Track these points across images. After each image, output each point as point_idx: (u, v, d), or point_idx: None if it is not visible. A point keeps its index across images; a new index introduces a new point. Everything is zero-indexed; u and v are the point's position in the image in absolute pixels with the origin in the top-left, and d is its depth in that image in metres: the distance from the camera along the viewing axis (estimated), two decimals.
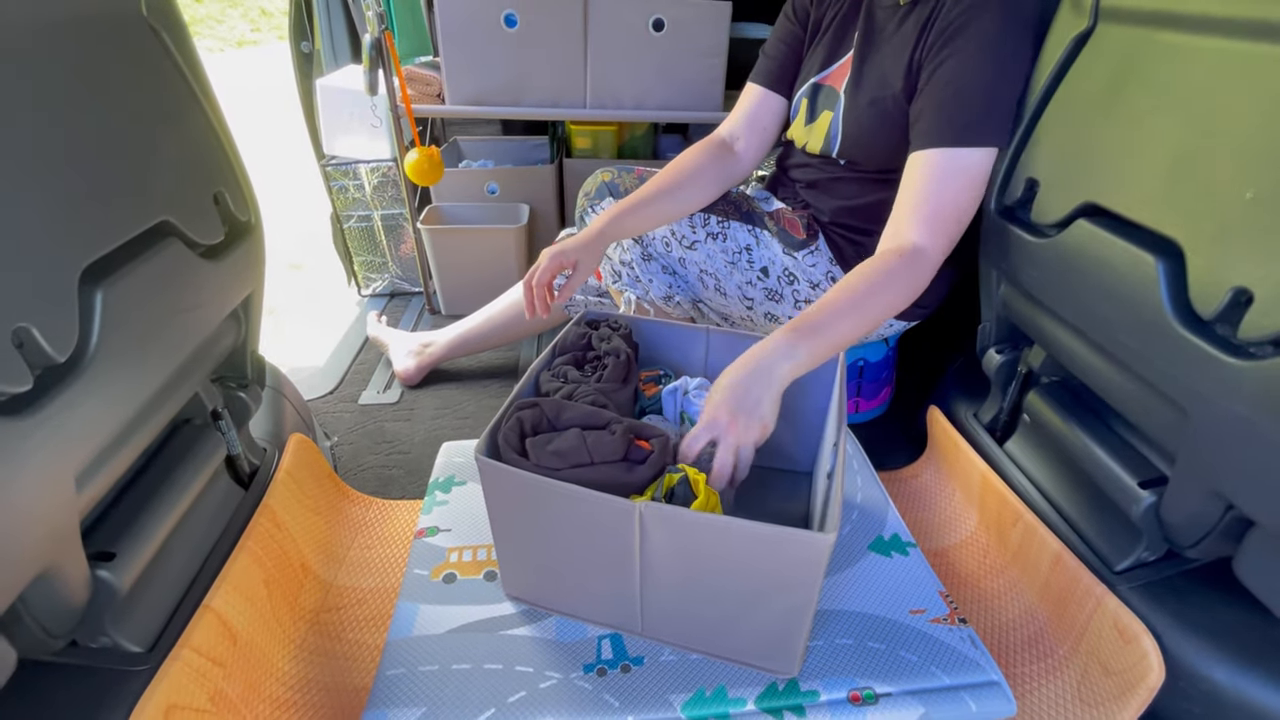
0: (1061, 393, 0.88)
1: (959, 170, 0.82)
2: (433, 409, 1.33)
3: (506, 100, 1.56)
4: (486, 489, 0.67)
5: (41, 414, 0.48)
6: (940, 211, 0.82)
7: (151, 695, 0.59)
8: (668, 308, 1.09)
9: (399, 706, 0.63)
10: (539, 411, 0.69)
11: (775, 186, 1.16)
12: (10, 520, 0.46)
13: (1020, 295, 0.88)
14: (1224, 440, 0.59)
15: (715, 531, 0.59)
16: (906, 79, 0.88)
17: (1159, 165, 0.65)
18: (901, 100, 0.89)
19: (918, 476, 1.10)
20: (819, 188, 1.06)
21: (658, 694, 0.65)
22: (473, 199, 1.71)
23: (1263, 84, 0.56)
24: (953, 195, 0.82)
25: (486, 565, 0.80)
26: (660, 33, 1.51)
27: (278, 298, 1.99)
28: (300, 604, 0.82)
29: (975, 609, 0.86)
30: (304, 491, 0.93)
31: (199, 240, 0.70)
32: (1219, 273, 0.58)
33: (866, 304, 0.77)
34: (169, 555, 0.71)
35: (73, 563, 0.55)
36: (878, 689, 0.65)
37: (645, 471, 0.66)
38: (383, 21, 1.31)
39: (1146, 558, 0.73)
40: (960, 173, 0.82)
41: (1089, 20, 0.75)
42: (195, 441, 0.78)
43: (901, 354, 1.33)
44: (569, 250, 0.91)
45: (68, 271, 0.52)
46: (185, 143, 0.69)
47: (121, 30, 0.62)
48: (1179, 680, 0.65)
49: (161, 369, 0.65)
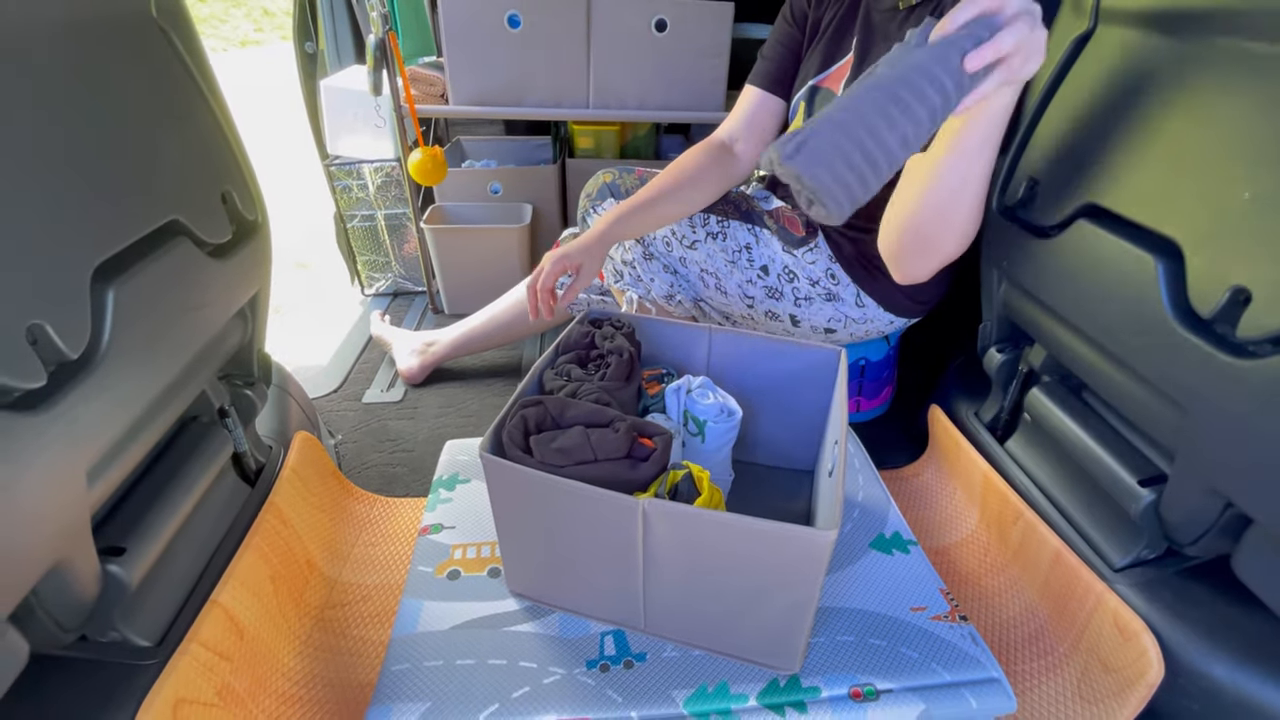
0: (1062, 391, 0.89)
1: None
2: (436, 407, 1.33)
3: (509, 100, 1.57)
4: (491, 486, 0.67)
5: (55, 410, 0.48)
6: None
7: (160, 689, 0.59)
8: (669, 307, 1.10)
9: (403, 701, 0.64)
10: (543, 409, 0.69)
11: (775, 185, 1.16)
12: (24, 514, 0.47)
13: (1021, 294, 0.89)
14: (1223, 438, 0.60)
15: (718, 527, 0.59)
16: None
17: (1159, 166, 0.65)
18: None
19: (919, 475, 1.11)
20: None
21: (660, 690, 0.65)
22: (476, 199, 1.71)
23: (1262, 84, 0.56)
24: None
25: (490, 562, 0.80)
26: (663, 33, 1.52)
27: (282, 297, 2.00)
28: (306, 600, 0.83)
29: (976, 606, 0.86)
30: (309, 489, 0.93)
31: (207, 239, 0.70)
32: (1218, 272, 0.58)
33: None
34: (177, 551, 0.72)
35: (84, 557, 0.56)
36: (879, 685, 0.65)
37: (648, 469, 0.66)
38: (386, 22, 1.32)
39: (1146, 555, 0.74)
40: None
41: (1089, 22, 0.76)
42: (202, 438, 0.78)
43: (903, 353, 1.33)
44: (572, 254, 0.92)
45: (80, 270, 0.52)
46: (194, 142, 0.70)
47: (131, 31, 0.63)
48: (1178, 677, 0.66)
49: (170, 366, 0.65)
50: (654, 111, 1.61)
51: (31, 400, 0.47)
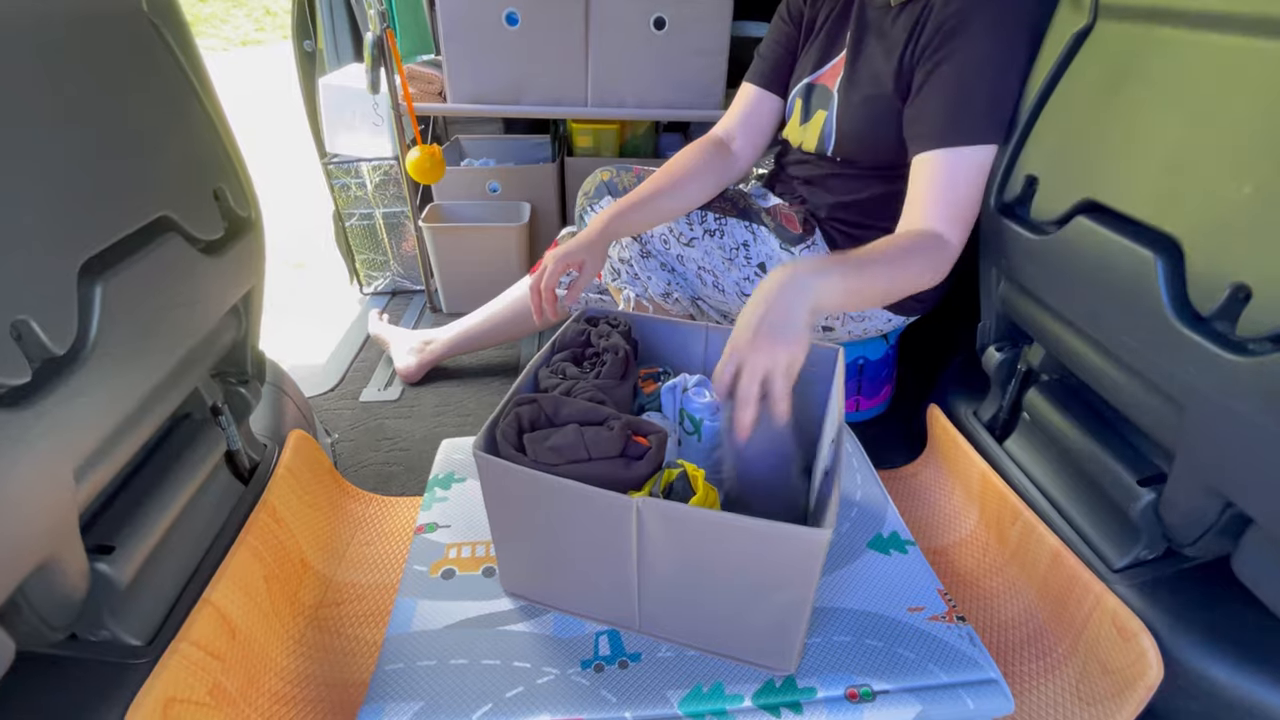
0: (1061, 391, 0.88)
1: (965, 169, 0.83)
2: (433, 406, 1.33)
3: (508, 98, 1.56)
4: (484, 484, 0.67)
5: (40, 406, 0.48)
6: (954, 208, 0.83)
7: (151, 688, 0.59)
8: (667, 305, 1.09)
9: (397, 701, 0.64)
10: (537, 408, 0.69)
11: (773, 183, 1.16)
12: (8, 512, 0.46)
13: (1020, 293, 0.88)
14: (1223, 437, 0.59)
15: (712, 527, 0.59)
16: (897, 79, 0.89)
17: (1158, 162, 0.65)
18: (894, 99, 0.90)
19: (917, 475, 1.10)
20: (815, 184, 1.06)
21: (655, 690, 0.65)
22: (474, 197, 1.71)
23: (1261, 79, 0.56)
24: (964, 193, 0.84)
25: (485, 561, 0.80)
26: (661, 31, 1.51)
27: (280, 295, 2.00)
28: (299, 599, 0.82)
29: (974, 607, 0.86)
30: (304, 487, 0.93)
31: (199, 235, 0.70)
32: (1218, 269, 0.57)
33: (899, 262, 0.77)
34: (168, 549, 0.71)
35: (72, 556, 0.55)
36: (875, 686, 0.65)
37: (643, 467, 0.66)
38: (384, 20, 1.32)
39: (1145, 556, 0.73)
40: (966, 171, 0.83)
41: (1088, 17, 0.75)
42: (195, 436, 0.78)
43: (902, 352, 1.33)
44: (574, 251, 0.92)
45: (67, 265, 0.52)
46: (185, 138, 0.70)
47: (122, 26, 0.62)
48: (1177, 678, 0.65)
49: (161, 363, 0.65)
50: (653, 110, 1.60)
51: (16, 397, 0.47)
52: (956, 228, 0.83)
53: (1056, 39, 0.79)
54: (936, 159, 0.84)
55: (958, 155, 0.83)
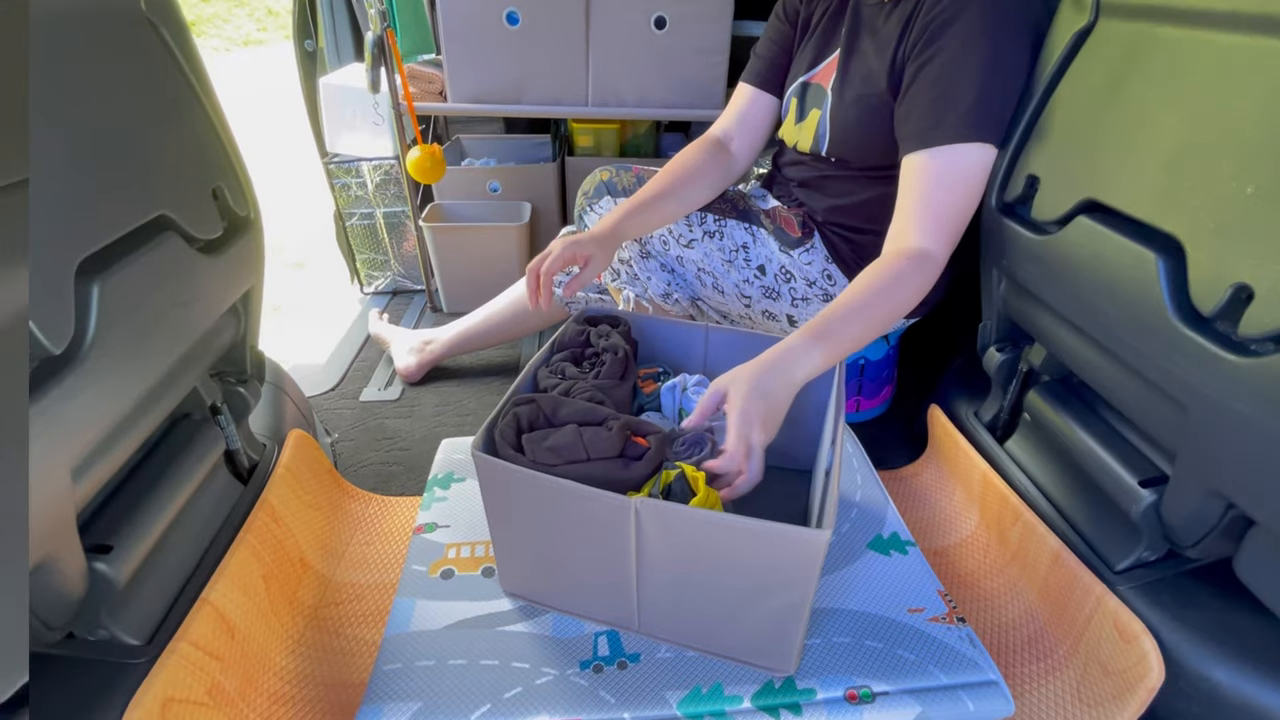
0: (1062, 391, 0.88)
1: (953, 171, 0.81)
2: (433, 406, 1.33)
3: (508, 98, 1.56)
4: (483, 485, 0.67)
5: (37, 406, 0.48)
6: (939, 215, 0.81)
7: (149, 687, 0.59)
8: (666, 305, 1.09)
9: (395, 701, 0.63)
10: (536, 408, 0.69)
11: (771, 184, 1.15)
12: None
13: (1021, 293, 0.88)
14: (1224, 438, 0.59)
15: (711, 528, 0.59)
16: (890, 76, 0.88)
17: (1160, 161, 0.64)
18: (887, 97, 0.89)
19: (918, 475, 1.10)
20: (811, 186, 1.05)
21: (654, 691, 0.64)
22: (475, 197, 1.71)
23: (1263, 79, 0.55)
24: (950, 197, 0.81)
25: (484, 562, 0.80)
26: (662, 30, 1.51)
27: (281, 295, 2.00)
28: (298, 599, 0.82)
29: (975, 608, 0.85)
30: (303, 487, 0.93)
31: (197, 235, 0.70)
32: (1219, 269, 0.57)
33: (877, 305, 0.77)
34: (167, 549, 0.71)
35: (69, 555, 0.55)
36: (875, 688, 0.65)
37: (642, 468, 0.65)
38: (385, 19, 1.32)
39: (1147, 557, 0.73)
40: (954, 173, 0.81)
41: (1090, 16, 0.75)
42: (194, 436, 0.78)
43: (902, 353, 1.32)
44: (584, 242, 0.89)
45: (63, 264, 0.52)
46: (184, 138, 0.69)
47: (120, 25, 0.62)
48: (1179, 680, 0.65)
49: (159, 363, 0.65)
50: (653, 109, 1.60)
51: None
52: (941, 238, 0.81)
53: (1058, 38, 0.79)
54: (922, 162, 0.82)
55: (944, 157, 0.81)
